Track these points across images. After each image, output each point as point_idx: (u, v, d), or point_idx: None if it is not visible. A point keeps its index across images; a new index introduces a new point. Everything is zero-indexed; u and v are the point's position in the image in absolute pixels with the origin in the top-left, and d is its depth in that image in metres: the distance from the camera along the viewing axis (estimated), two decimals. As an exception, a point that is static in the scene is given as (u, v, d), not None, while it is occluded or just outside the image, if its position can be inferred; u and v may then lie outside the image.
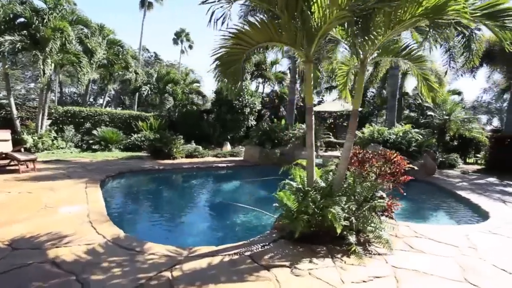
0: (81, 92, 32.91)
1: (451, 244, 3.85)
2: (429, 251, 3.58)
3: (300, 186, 3.92)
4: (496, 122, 31.89)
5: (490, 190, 8.11)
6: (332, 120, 22.53)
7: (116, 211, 5.18)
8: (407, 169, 4.07)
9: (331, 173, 4.50)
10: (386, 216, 3.88)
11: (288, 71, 23.54)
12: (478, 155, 14.40)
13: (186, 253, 3.09)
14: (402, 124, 11.86)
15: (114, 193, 6.58)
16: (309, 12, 3.32)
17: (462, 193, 7.30)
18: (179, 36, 51.69)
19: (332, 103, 20.08)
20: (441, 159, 12.02)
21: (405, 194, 4.13)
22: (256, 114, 17.25)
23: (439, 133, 13.78)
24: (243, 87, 16.51)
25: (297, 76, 13.46)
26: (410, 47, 4.26)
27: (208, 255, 3.06)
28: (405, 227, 4.33)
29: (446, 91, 16.47)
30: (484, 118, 34.29)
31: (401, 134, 10.44)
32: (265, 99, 19.71)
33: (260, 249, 3.31)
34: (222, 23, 3.35)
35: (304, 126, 12.74)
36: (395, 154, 4.12)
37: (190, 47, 52.75)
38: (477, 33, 8.55)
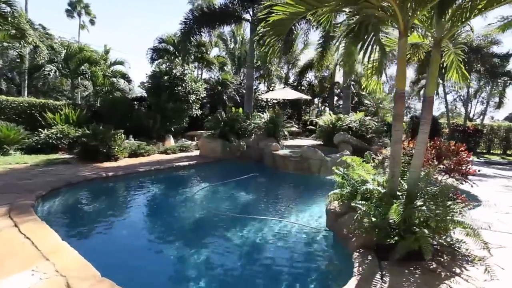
0: None
1: (506, 232, 3.90)
2: (505, 244, 3.47)
3: (386, 191, 3.18)
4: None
5: (437, 168, 9.39)
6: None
7: (109, 263, 2.99)
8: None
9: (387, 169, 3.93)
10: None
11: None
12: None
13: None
14: (357, 112, 12.55)
15: (70, 226, 4.14)
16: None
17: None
18: (75, 7, 42.11)
19: (281, 90, 19.90)
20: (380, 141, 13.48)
21: (477, 186, 3.97)
22: (200, 102, 15.46)
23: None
24: (185, 70, 14.42)
25: (254, 60, 12.44)
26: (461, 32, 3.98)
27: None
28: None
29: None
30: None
31: (358, 122, 10.98)
32: (206, 86, 17.80)
33: (382, 284, 2.44)
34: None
35: (263, 115, 12.01)
36: (461, 146, 3.87)
37: (92, 22, 43.80)
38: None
